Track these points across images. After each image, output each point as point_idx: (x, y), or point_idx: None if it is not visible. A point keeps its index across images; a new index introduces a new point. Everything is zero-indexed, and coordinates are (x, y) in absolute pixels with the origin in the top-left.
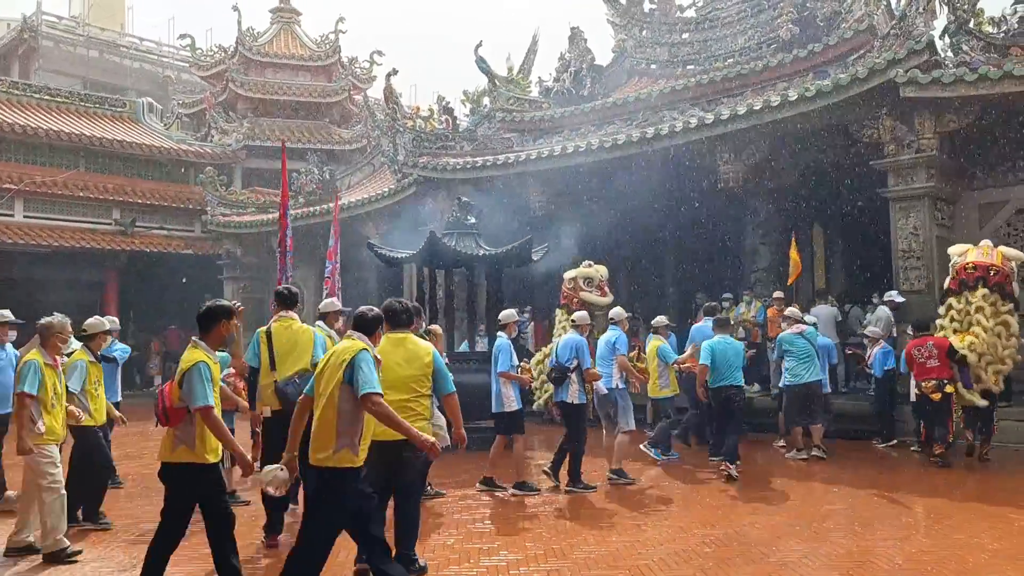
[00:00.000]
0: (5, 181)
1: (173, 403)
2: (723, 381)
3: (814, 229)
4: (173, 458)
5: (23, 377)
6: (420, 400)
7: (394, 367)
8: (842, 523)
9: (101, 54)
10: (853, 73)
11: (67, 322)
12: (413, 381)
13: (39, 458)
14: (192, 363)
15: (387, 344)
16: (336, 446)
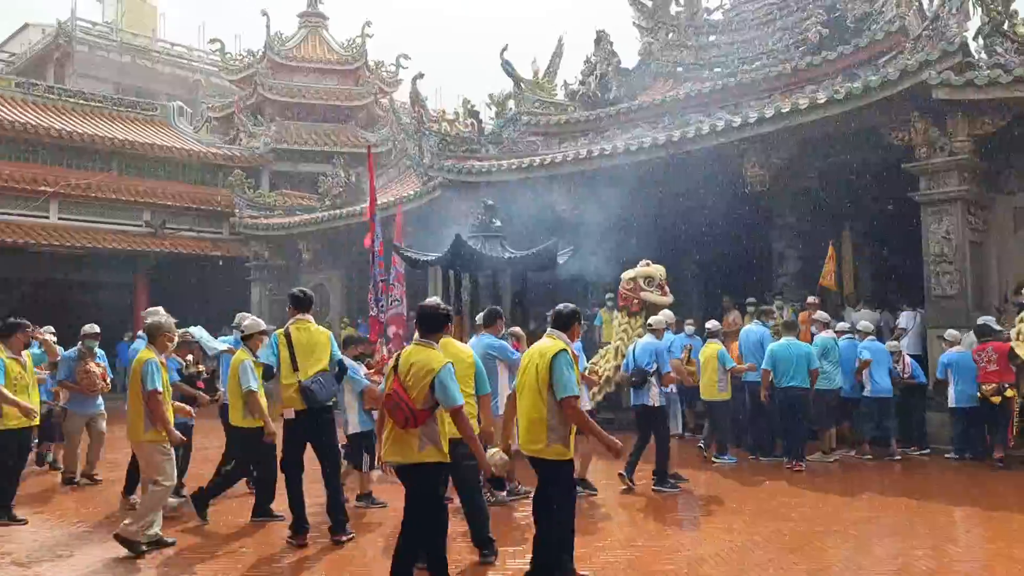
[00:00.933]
0: (41, 184)
1: (418, 404)
2: (788, 382)
3: (843, 233)
4: (422, 458)
5: (147, 376)
6: (469, 400)
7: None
8: (874, 530)
9: (133, 59)
10: (884, 75)
11: (173, 322)
12: (460, 382)
13: (159, 455)
14: (443, 364)
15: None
16: (548, 440)
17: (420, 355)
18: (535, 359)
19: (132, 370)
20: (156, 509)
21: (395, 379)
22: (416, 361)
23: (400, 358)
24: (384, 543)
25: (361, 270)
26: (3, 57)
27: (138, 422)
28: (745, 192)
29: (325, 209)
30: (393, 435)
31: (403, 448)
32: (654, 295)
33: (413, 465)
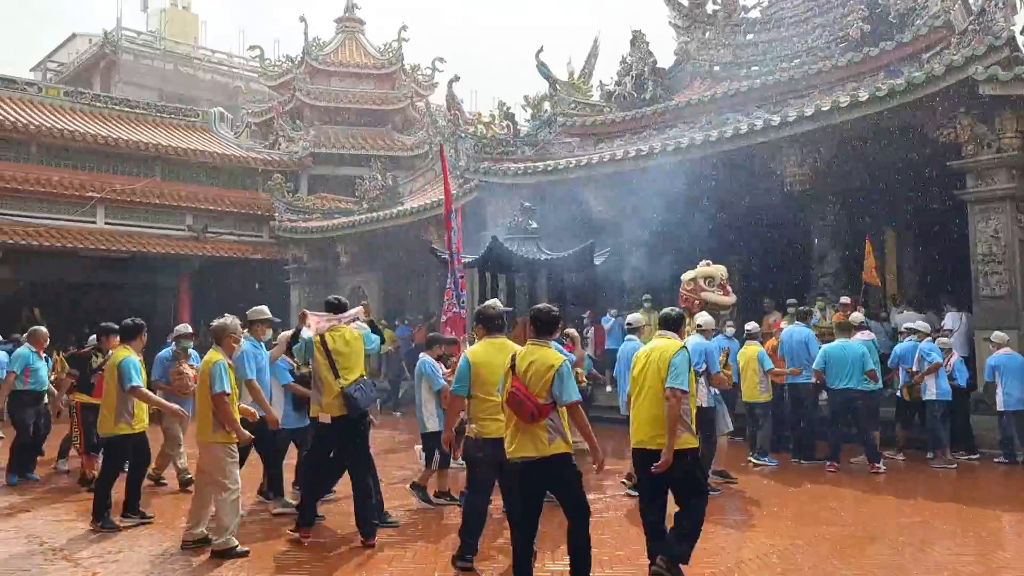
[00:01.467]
0: (88, 189)
1: (540, 399)
2: (842, 384)
3: (885, 233)
4: (553, 450)
5: (216, 378)
6: None
7: (499, 370)
8: (920, 535)
9: (176, 66)
10: (929, 71)
11: (238, 322)
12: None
13: (226, 457)
14: (562, 361)
15: (491, 348)
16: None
17: (537, 354)
18: (654, 358)
19: (201, 372)
20: (234, 515)
21: (515, 378)
22: (535, 359)
23: (516, 358)
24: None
25: (398, 273)
26: (52, 67)
27: (206, 423)
28: (785, 192)
29: (363, 212)
30: (520, 432)
31: (534, 443)
32: (715, 295)
33: (546, 458)
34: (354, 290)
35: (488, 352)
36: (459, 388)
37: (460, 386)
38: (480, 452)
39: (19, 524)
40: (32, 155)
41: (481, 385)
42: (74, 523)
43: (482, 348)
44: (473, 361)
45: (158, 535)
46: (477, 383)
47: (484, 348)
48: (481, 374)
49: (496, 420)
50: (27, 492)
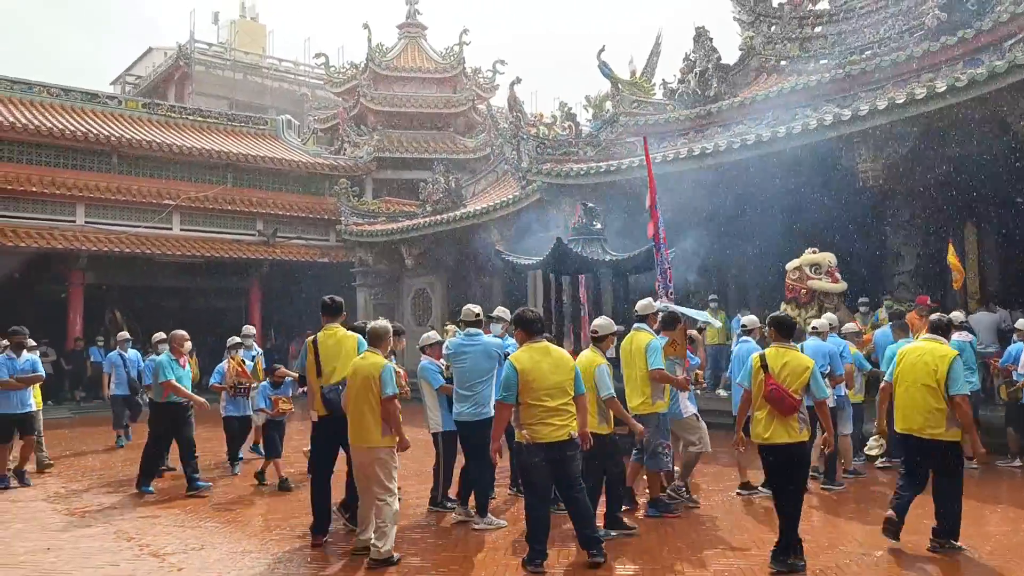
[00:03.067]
0: (165, 197)
1: (796, 395)
2: None
3: (965, 229)
4: (802, 437)
5: (387, 381)
6: (570, 401)
7: (548, 374)
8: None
9: (245, 76)
10: (1012, 59)
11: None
12: (566, 385)
13: (393, 461)
14: (813, 362)
15: (535, 354)
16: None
17: (789, 355)
18: (926, 358)
19: (367, 375)
20: (396, 522)
21: (769, 377)
22: (788, 361)
23: (768, 359)
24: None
25: (462, 274)
26: (130, 80)
27: (374, 427)
28: (858, 188)
29: (426, 215)
30: (775, 422)
31: (788, 431)
32: (823, 282)
33: (797, 443)
34: (419, 292)
35: (533, 357)
36: (507, 396)
37: (508, 394)
38: (535, 457)
39: (111, 523)
40: (113, 165)
41: (531, 391)
42: (164, 522)
43: (526, 354)
44: (520, 368)
45: (239, 532)
46: (526, 390)
47: (528, 354)
48: (529, 380)
49: (548, 424)
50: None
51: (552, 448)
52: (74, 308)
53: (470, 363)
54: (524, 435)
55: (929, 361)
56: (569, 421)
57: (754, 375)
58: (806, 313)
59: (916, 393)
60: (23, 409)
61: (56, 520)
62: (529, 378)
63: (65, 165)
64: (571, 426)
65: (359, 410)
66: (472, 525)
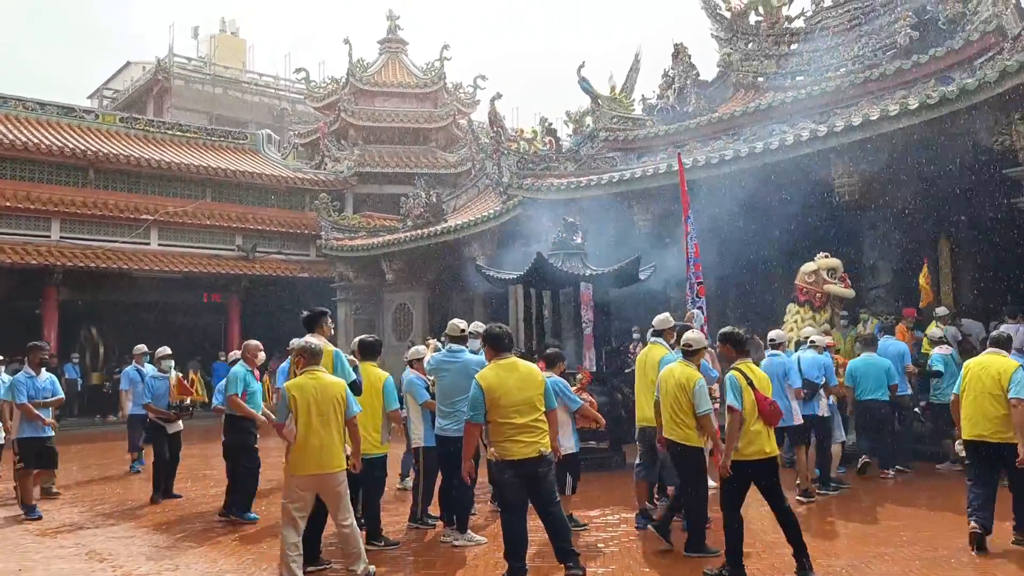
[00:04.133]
0: (142, 212)
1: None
2: (866, 396)
3: (940, 243)
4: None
5: (352, 399)
6: (542, 417)
7: (514, 391)
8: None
9: (225, 90)
10: (982, 77)
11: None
12: (535, 400)
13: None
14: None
15: (501, 371)
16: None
17: (757, 370)
18: (990, 370)
19: (332, 396)
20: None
21: (757, 392)
22: (759, 375)
23: (749, 375)
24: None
25: (442, 289)
26: (108, 94)
27: (340, 450)
28: (834, 203)
29: (407, 230)
30: (762, 435)
31: (771, 443)
32: (838, 287)
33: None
34: (400, 307)
35: (499, 375)
36: (475, 416)
37: (475, 414)
38: (506, 474)
39: (82, 544)
40: (90, 180)
41: (497, 409)
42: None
43: (492, 371)
44: (486, 386)
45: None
46: (493, 408)
47: (494, 371)
48: (495, 397)
49: (517, 441)
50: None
51: (522, 465)
52: (48, 325)
53: (450, 379)
54: (493, 453)
55: (993, 373)
56: (539, 438)
57: (744, 393)
58: (821, 317)
59: (984, 402)
60: (49, 431)
61: (28, 541)
62: (495, 395)
63: (40, 180)
64: (541, 443)
65: (320, 433)
66: (452, 542)
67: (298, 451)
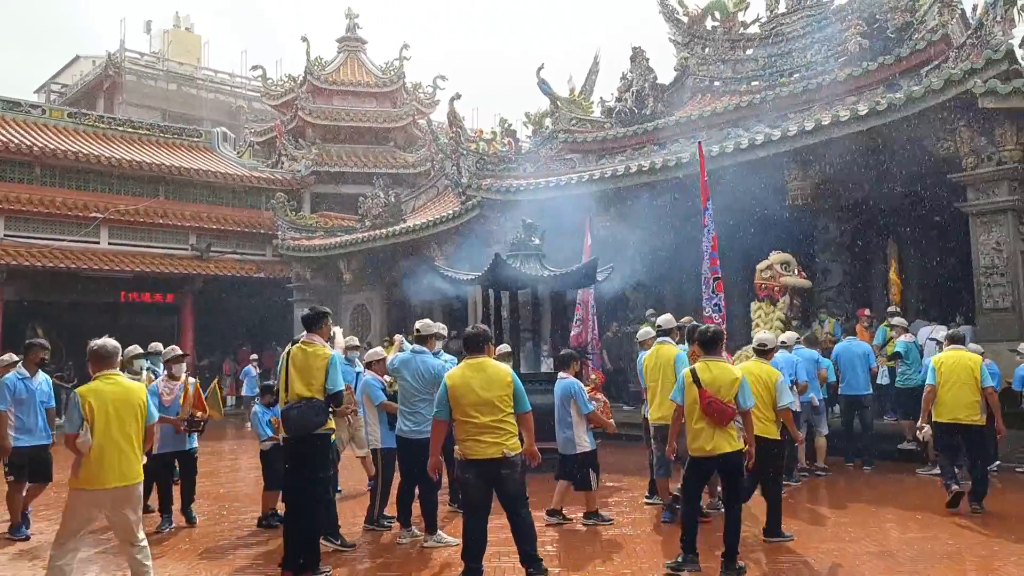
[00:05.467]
0: (92, 210)
1: (732, 405)
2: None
3: (888, 245)
4: (740, 445)
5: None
6: (508, 419)
7: (478, 390)
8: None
9: (179, 87)
10: (928, 85)
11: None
12: (498, 401)
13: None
14: (742, 374)
15: (468, 370)
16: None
17: (717, 369)
18: (963, 363)
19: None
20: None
21: (703, 390)
22: (717, 374)
23: (697, 373)
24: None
25: (401, 290)
26: (56, 89)
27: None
28: (787, 205)
29: (365, 230)
30: (716, 433)
31: (729, 440)
32: (795, 278)
33: (736, 452)
34: (358, 308)
35: (465, 374)
36: (439, 412)
37: (440, 410)
38: (468, 473)
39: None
40: (36, 176)
41: (459, 407)
42: None
43: (459, 370)
44: (451, 384)
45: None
46: (456, 406)
47: (461, 370)
48: (457, 396)
49: (479, 441)
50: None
51: (483, 465)
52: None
53: (411, 381)
54: (457, 451)
55: (966, 366)
56: (503, 439)
57: (687, 390)
58: (780, 307)
59: (962, 391)
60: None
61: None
62: (458, 394)
63: None
64: (506, 444)
65: (119, 443)
66: (422, 542)
67: (94, 463)
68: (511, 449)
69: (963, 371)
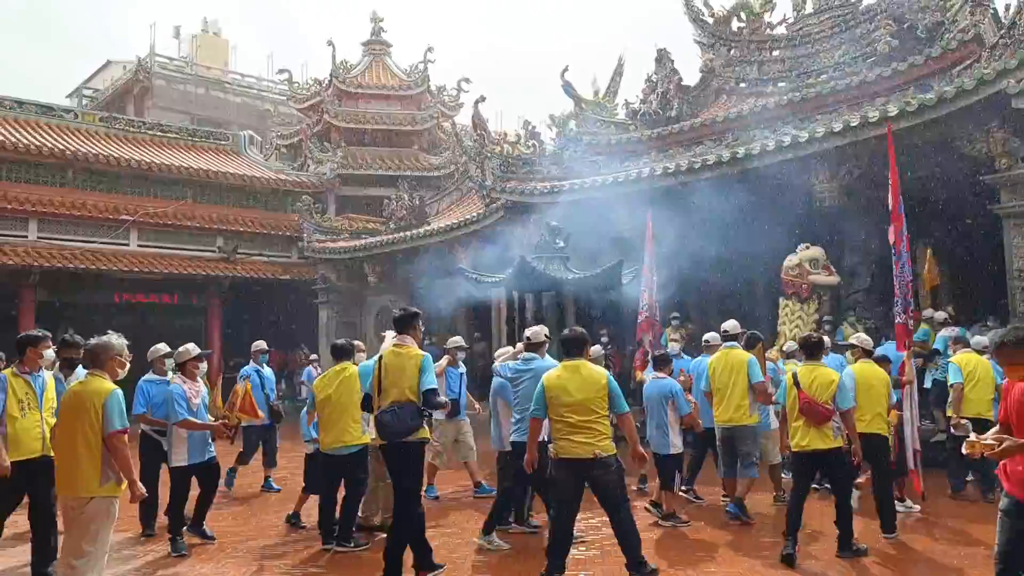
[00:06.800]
0: (122, 212)
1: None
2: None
3: (919, 249)
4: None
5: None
6: (601, 420)
7: (572, 392)
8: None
9: (207, 91)
10: (959, 85)
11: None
12: (592, 403)
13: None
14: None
15: (564, 372)
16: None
17: (818, 371)
18: (983, 364)
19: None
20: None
21: (801, 392)
22: (817, 376)
23: (798, 376)
24: None
25: (425, 292)
26: (88, 93)
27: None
28: (815, 208)
29: (390, 232)
30: (810, 432)
31: (823, 438)
32: (822, 276)
33: (831, 449)
34: (382, 310)
35: (561, 376)
36: (535, 411)
37: (535, 408)
38: (560, 472)
39: None
40: (68, 180)
41: (554, 407)
42: None
43: (556, 372)
44: (547, 385)
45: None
46: (551, 406)
47: (558, 372)
48: (552, 397)
49: (570, 441)
50: None
51: (575, 464)
52: (24, 326)
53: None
54: (550, 449)
55: (986, 365)
56: (595, 440)
57: (788, 392)
58: (809, 308)
59: (986, 390)
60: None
61: None
62: (553, 394)
63: (18, 179)
64: (597, 445)
65: (69, 450)
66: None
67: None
68: (603, 450)
69: (984, 369)
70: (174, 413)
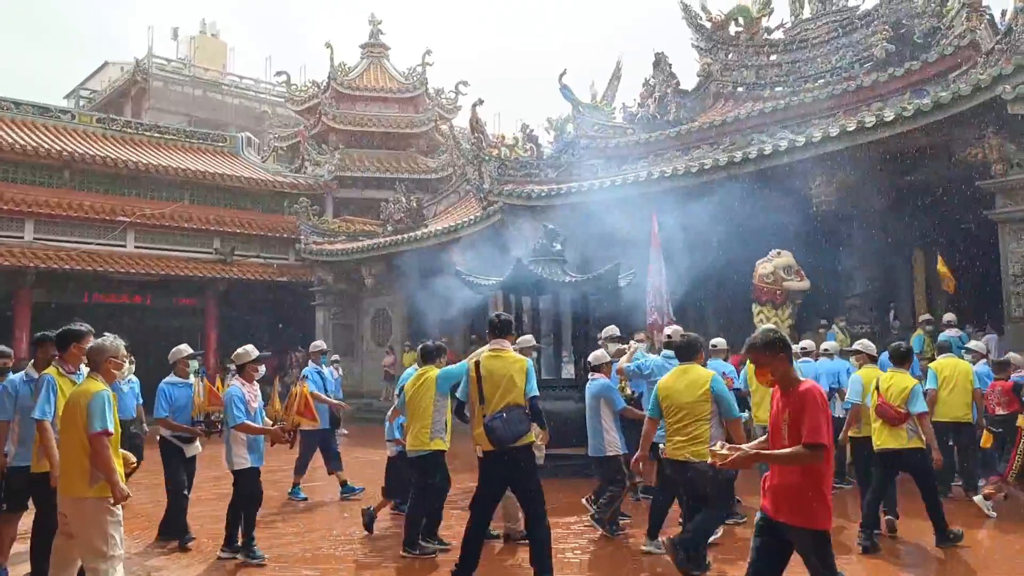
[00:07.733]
0: (119, 214)
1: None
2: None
3: (915, 254)
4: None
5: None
6: (699, 423)
7: (681, 394)
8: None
9: (204, 92)
10: (956, 90)
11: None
12: (693, 406)
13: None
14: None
15: (676, 374)
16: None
17: (896, 377)
18: (960, 368)
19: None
20: None
21: (880, 395)
22: (894, 383)
23: (880, 381)
24: None
25: (422, 295)
26: (85, 94)
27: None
28: (811, 212)
29: (387, 235)
30: (884, 431)
31: (897, 438)
32: (795, 282)
33: (908, 449)
34: (379, 312)
35: (673, 378)
36: (651, 411)
37: (651, 409)
38: (666, 469)
39: None
40: (65, 180)
41: (663, 408)
42: None
43: (671, 375)
44: (660, 386)
45: None
46: (662, 407)
47: (672, 374)
48: (662, 398)
49: (670, 441)
50: None
51: (674, 465)
52: (20, 327)
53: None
54: (661, 447)
55: (964, 370)
56: (689, 443)
57: (872, 396)
58: (783, 313)
59: (961, 395)
60: None
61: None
62: (662, 395)
63: (14, 180)
64: (689, 449)
65: (65, 452)
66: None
67: None
68: (694, 456)
69: (962, 375)
70: (232, 417)
